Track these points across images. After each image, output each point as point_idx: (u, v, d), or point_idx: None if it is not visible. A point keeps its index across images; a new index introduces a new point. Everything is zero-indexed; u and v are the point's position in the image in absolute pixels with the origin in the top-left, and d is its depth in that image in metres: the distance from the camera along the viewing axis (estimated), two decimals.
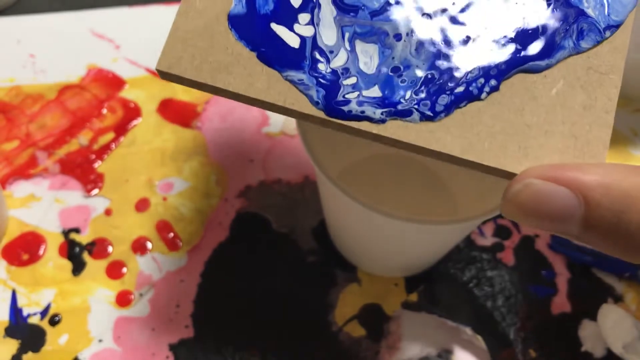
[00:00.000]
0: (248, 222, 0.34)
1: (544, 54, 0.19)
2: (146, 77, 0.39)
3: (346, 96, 0.18)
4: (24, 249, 0.33)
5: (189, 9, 0.19)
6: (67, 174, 0.35)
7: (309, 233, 0.34)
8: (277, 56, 0.19)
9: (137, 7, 0.41)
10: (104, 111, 0.37)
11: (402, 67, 0.18)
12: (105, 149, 0.36)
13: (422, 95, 0.18)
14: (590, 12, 0.19)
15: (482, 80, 0.18)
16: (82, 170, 0.35)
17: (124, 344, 0.31)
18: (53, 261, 0.33)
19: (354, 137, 0.34)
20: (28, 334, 0.31)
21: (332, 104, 0.18)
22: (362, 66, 0.19)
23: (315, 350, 0.31)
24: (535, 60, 0.19)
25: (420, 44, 0.19)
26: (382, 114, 0.18)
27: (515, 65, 0.18)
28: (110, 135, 0.37)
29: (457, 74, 0.18)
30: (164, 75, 0.19)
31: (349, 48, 0.19)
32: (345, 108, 0.18)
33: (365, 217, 0.25)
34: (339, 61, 0.19)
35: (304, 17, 0.19)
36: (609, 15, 0.19)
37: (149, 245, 0.33)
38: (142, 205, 0.34)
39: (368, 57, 0.19)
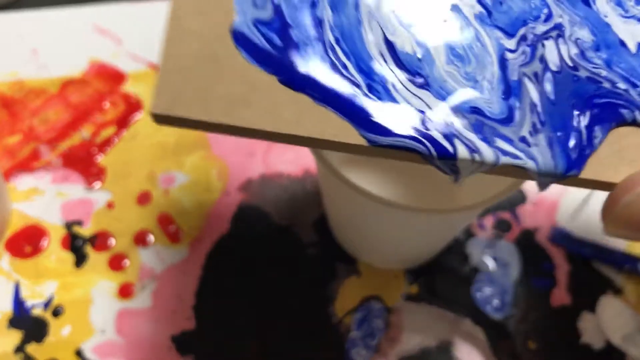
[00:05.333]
0: (249, 215, 0.34)
1: None
2: (147, 71, 0.39)
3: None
4: (27, 242, 0.33)
5: (178, 33, 0.14)
6: (70, 168, 0.36)
7: (310, 226, 0.34)
8: (325, 96, 0.14)
9: (138, 3, 0.41)
10: (106, 105, 0.38)
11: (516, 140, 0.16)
12: (108, 142, 0.36)
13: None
14: None
15: (599, 134, 0.15)
16: (85, 164, 0.36)
17: (126, 335, 0.31)
18: (56, 254, 0.33)
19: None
20: (31, 325, 0.31)
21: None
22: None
23: (315, 341, 0.31)
24: None
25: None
26: None
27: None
28: (112, 129, 0.37)
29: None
30: (161, 119, 0.14)
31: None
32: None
33: (364, 207, 0.25)
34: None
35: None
36: None
37: (151, 237, 0.34)
38: (144, 198, 0.35)
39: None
